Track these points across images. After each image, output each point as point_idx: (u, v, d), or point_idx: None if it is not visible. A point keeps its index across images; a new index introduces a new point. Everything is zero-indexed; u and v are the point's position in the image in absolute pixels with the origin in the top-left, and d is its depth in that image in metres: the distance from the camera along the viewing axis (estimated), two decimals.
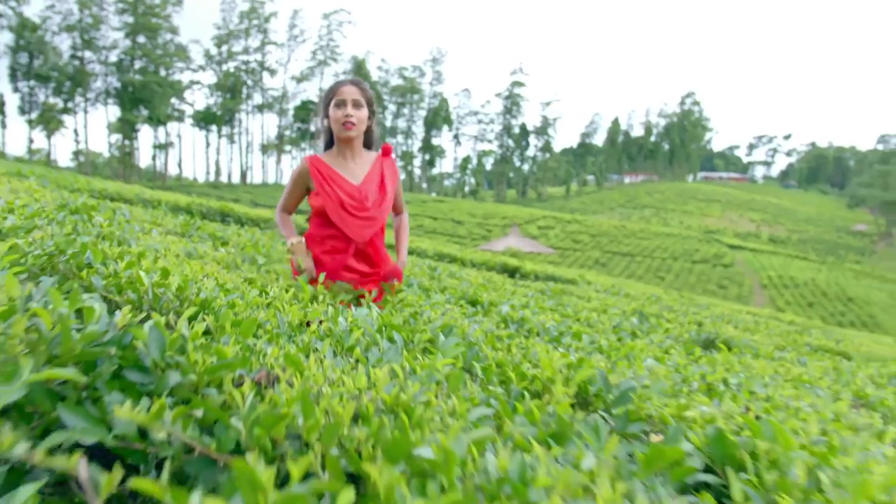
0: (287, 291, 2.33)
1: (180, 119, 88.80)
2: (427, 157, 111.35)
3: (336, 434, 0.89)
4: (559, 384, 1.60)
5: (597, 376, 1.73)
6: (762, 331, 9.15)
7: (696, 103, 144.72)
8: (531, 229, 66.78)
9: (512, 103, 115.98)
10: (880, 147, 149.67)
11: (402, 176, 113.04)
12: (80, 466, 0.74)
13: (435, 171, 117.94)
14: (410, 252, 12.68)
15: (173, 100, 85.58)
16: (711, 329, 6.69)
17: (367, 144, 3.33)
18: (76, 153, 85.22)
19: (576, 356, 2.09)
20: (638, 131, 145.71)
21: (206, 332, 1.43)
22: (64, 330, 1.00)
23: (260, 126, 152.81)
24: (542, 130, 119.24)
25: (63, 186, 8.11)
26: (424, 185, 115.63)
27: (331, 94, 3.15)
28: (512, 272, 12.68)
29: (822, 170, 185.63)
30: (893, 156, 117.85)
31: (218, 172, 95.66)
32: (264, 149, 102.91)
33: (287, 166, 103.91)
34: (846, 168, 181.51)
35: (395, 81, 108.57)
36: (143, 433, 0.92)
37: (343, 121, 3.09)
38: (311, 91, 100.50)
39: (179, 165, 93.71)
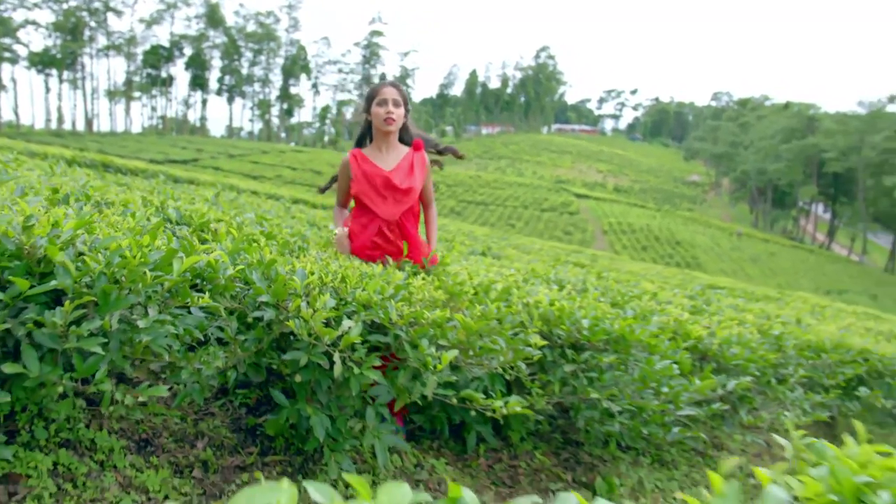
0: None
1: (14, 61, 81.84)
2: (285, 106, 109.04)
3: None
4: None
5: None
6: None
7: (550, 57, 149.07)
8: None
9: (371, 53, 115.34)
10: (714, 104, 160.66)
11: (260, 125, 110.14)
12: None
13: (293, 120, 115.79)
14: (273, 197, 13.48)
15: (5, 39, 78.62)
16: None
17: (403, 139, 3.77)
18: None
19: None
20: (495, 83, 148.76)
21: None
22: None
23: (106, 71, 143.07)
24: (401, 81, 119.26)
25: None
26: (283, 135, 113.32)
27: (373, 94, 3.61)
28: None
29: (665, 124, 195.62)
30: (723, 112, 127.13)
31: (60, 119, 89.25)
32: (111, 95, 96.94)
33: (137, 113, 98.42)
34: (685, 122, 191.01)
35: (252, 27, 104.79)
36: None
37: (384, 117, 3.54)
38: (163, 35, 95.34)
39: (15, 112, 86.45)
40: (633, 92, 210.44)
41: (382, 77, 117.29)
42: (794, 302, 10.11)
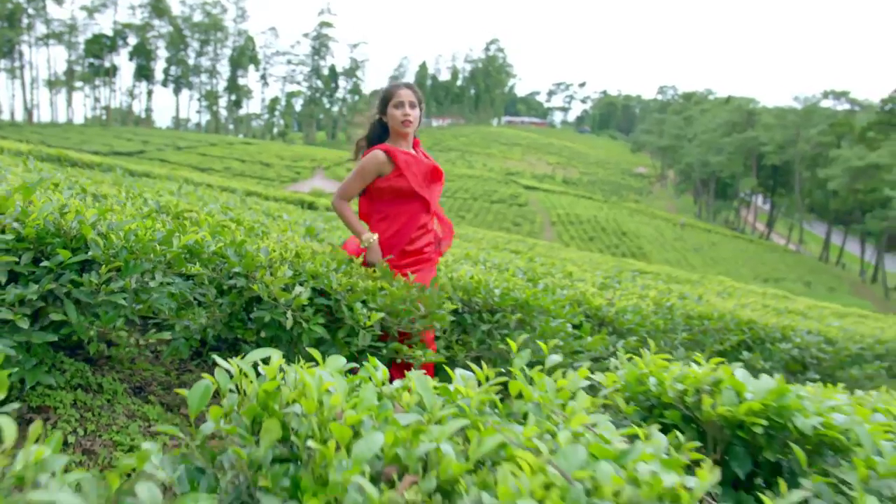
0: None
1: None
2: (233, 97, 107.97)
3: None
4: None
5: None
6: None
7: (500, 50, 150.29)
8: (340, 171, 67.94)
9: (320, 44, 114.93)
10: (660, 97, 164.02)
11: (208, 117, 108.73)
12: None
13: (242, 111, 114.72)
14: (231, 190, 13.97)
15: None
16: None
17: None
18: None
19: None
20: (445, 76, 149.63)
21: None
22: None
23: (46, 60, 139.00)
24: (351, 72, 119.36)
25: None
26: (231, 127, 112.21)
27: (389, 96, 3.66)
28: (308, 205, 14.49)
29: (613, 116, 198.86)
30: (669, 106, 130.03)
31: None
32: (51, 85, 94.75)
33: (79, 104, 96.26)
34: (633, 115, 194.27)
35: (199, 17, 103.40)
36: None
37: (402, 119, 3.61)
38: (105, 24, 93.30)
39: None
40: (582, 85, 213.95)
41: (332, 69, 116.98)
42: (709, 284, 11.10)
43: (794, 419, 1.78)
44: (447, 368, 1.83)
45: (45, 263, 2.35)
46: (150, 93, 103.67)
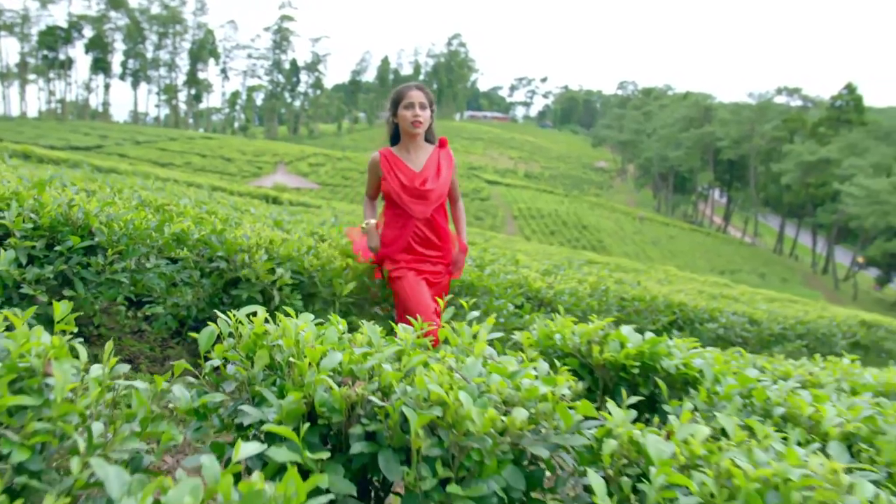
0: None
1: None
2: (193, 91, 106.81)
3: None
4: None
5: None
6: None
7: (462, 45, 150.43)
8: (302, 166, 67.83)
9: (282, 38, 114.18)
10: (620, 92, 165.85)
11: (167, 111, 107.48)
12: None
13: (202, 105, 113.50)
14: (197, 185, 14.29)
15: None
16: None
17: (427, 137, 3.90)
18: None
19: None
20: (407, 70, 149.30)
21: None
22: None
23: None
24: (312, 66, 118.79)
25: None
26: (191, 121, 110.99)
27: (399, 98, 3.76)
28: (273, 200, 14.91)
29: (574, 111, 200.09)
30: (629, 101, 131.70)
31: None
32: (2, 77, 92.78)
33: (33, 97, 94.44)
34: (594, 110, 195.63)
35: (157, 10, 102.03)
36: None
37: (412, 120, 3.67)
38: (59, 15, 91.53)
39: None
40: (544, 80, 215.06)
41: (294, 63, 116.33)
42: (654, 273, 11.79)
43: (662, 362, 2.32)
44: (394, 326, 2.33)
45: (57, 248, 2.79)
46: (107, 86, 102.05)
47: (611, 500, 1.33)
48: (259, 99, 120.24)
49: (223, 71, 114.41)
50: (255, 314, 1.87)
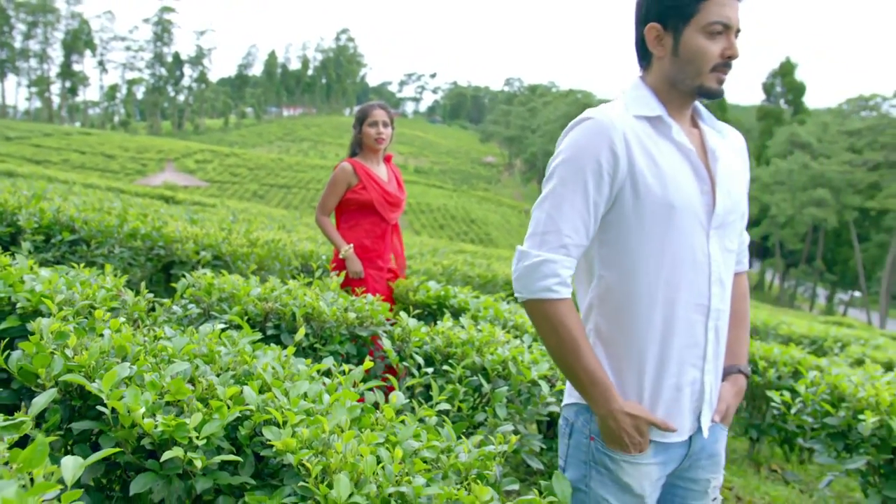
0: None
1: None
2: (68, 84, 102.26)
3: None
4: None
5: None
6: None
7: (350, 39, 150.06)
8: (189, 163, 66.43)
9: (162, 30, 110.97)
10: (507, 89, 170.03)
11: (38, 104, 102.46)
12: None
13: (78, 99, 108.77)
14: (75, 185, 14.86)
15: None
16: None
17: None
18: None
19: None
20: (295, 65, 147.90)
21: None
22: None
23: None
24: (196, 60, 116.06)
25: None
26: (65, 115, 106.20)
27: (364, 115, 4.07)
28: (167, 200, 15.85)
29: (463, 107, 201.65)
30: (515, 97, 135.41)
31: None
32: None
33: None
34: (482, 106, 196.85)
35: None
36: None
37: (376, 137, 3.99)
38: None
39: None
40: (433, 75, 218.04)
41: (176, 56, 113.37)
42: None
43: (450, 301, 3.90)
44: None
45: (53, 241, 4.10)
46: None
47: None
48: (140, 93, 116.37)
49: (101, 63, 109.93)
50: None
